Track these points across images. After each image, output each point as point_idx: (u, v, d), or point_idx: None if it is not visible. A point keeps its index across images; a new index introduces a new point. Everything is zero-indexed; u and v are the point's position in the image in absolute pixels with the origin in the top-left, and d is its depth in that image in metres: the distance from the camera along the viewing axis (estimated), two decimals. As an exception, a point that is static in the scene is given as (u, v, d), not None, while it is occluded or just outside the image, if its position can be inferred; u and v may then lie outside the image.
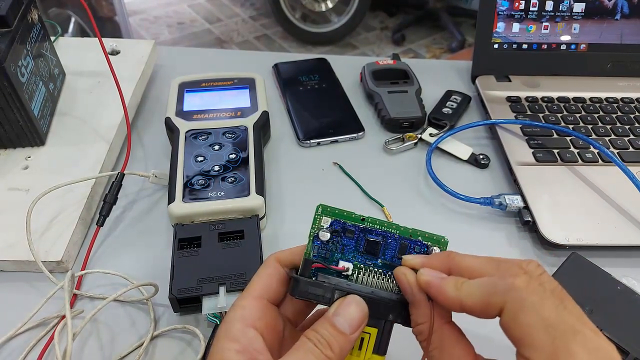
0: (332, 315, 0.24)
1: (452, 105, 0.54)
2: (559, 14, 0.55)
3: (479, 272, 0.23)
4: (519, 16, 0.55)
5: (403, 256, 0.25)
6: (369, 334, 0.25)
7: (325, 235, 0.26)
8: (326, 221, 0.26)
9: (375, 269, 0.26)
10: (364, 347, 0.25)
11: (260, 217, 0.39)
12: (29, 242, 0.36)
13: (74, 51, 0.55)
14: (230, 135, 0.45)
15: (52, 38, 0.53)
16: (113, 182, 0.41)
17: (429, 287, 0.23)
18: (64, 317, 0.34)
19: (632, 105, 0.53)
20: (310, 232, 0.26)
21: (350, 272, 0.26)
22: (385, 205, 0.44)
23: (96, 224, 0.39)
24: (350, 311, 0.24)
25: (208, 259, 0.35)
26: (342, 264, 0.26)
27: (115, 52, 0.56)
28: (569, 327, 0.20)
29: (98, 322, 0.35)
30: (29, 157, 0.44)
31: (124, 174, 0.41)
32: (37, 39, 0.46)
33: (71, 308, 0.34)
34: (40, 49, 0.46)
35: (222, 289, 0.33)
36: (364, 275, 0.26)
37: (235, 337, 0.23)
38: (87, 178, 0.41)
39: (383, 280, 0.26)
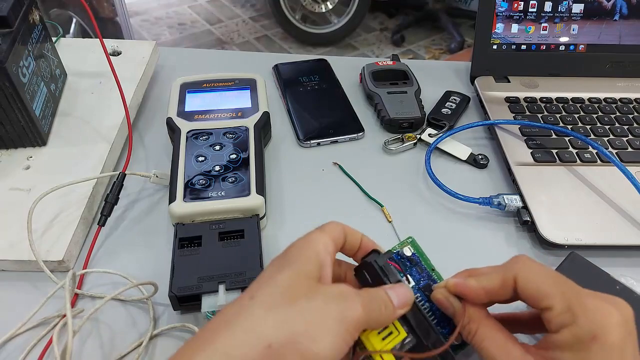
0: (388, 288, 0.27)
1: (451, 105, 0.54)
2: (557, 14, 0.55)
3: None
4: (517, 17, 0.55)
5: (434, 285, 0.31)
6: (399, 332, 0.27)
7: (407, 252, 0.33)
8: (410, 249, 0.33)
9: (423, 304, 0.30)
10: (388, 340, 0.27)
11: (260, 216, 0.40)
12: (30, 241, 0.36)
13: (76, 52, 0.56)
14: (231, 135, 0.45)
15: (54, 39, 0.54)
16: (114, 182, 0.41)
17: (457, 287, 0.28)
18: (64, 316, 0.34)
19: (631, 105, 0.53)
20: (396, 246, 0.33)
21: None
22: (385, 205, 0.44)
23: (97, 224, 0.40)
24: (401, 290, 0.27)
25: (208, 258, 0.36)
26: (409, 278, 0.31)
27: (116, 53, 0.56)
28: (572, 285, 0.26)
29: (99, 322, 0.35)
30: (31, 157, 0.44)
31: (125, 174, 0.42)
32: (39, 40, 0.46)
33: (72, 307, 0.34)
34: (42, 50, 0.47)
35: (221, 287, 0.34)
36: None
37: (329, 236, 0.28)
38: (88, 178, 0.41)
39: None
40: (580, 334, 0.24)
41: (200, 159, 0.43)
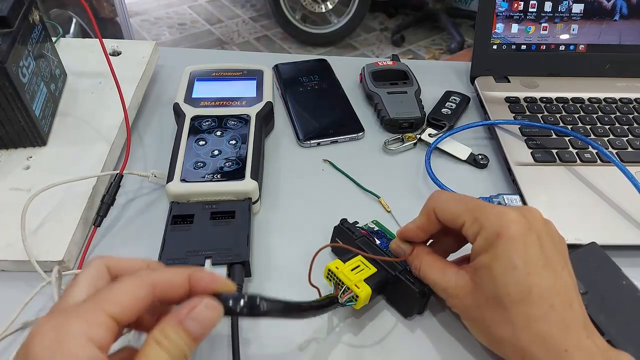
0: (186, 319, 0.22)
1: (451, 105, 0.54)
2: (557, 14, 0.55)
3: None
4: (517, 17, 0.55)
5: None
6: (370, 269, 0.34)
7: (372, 225, 0.40)
8: (374, 225, 0.40)
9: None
10: (361, 274, 0.33)
11: (253, 200, 0.41)
12: (24, 240, 0.36)
13: (75, 52, 0.56)
14: (233, 122, 0.46)
15: (54, 39, 0.54)
16: (111, 182, 0.41)
17: (402, 232, 0.34)
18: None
19: (631, 105, 0.53)
20: (363, 226, 0.39)
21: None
22: (385, 205, 0.44)
23: (93, 224, 0.40)
24: (205, 315, 0.22)
25: (198, 235, 0.37)
26: (375, 239, 0.38)
27: (116, 53, 0.56)
28: (477, 201, 0.31)
29: None
30: (31, 157, 0.44)
31: (122, 175, 0.42)
32: (39, 40, 0.46)
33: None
34: (42, 50, 0.47)
35: (208, 262, 0.35)
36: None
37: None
38: (84, 177, 0.41)
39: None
40: (487, 235, 0.29)
41: (201, 143, 0.44)
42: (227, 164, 0.42)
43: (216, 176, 0.41)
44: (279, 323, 0.35)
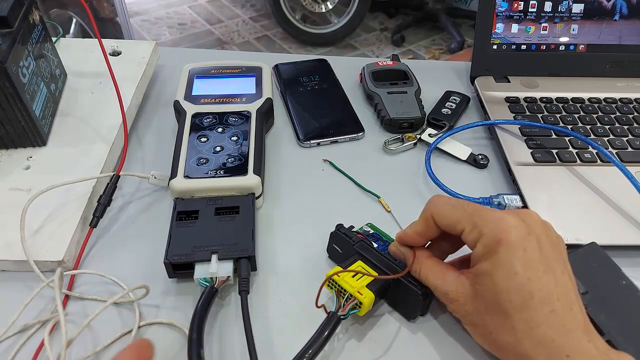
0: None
1: (451, 105, 0.54)
2: (557, 14, 0.55)
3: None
4: (517, 17, 0.55)
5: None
6: (371, 274, 0.33)
7: (368, 228, 0.40)
8: (370, 228, 0.40)
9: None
10: (362, 280, 0.33)
11: (256, 195, 0.41)
12: (23, 241, 0.36)
13: (76, 52, 0.56)
14: (233, 118, 0.46)
15: (54, 39, 0.54)
16: (108, 183, 0.41)
17: (400, 237, 0.34)
18: (45, 322, 0.34)
19: (631, 105, 0.53)
20: (358, 229, 0.39)
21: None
22: (385, 204, 0.44)
23: (89, 225, 0.40)
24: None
25: (203, 230, 0.37)
26: (372, 242, 0.37)
27: (116, 53, 0.56)
28: (475, 206, 0.31)
29: (86, 320, 0.35)
30: (31, 157, 0.44)
31: (119, 176, 0.42)
32: (39, 40, 0.46)
33: (64, 309, 0.34)
34: (42, 50, 0.47)
35: (214, 257, 0.35)
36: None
37: None
38: (84, 179, 0.41)
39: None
40: (487, 242, 0.29)
41: (203, 139, 0.44)
42: (229, 159, 0.42)
43: (219, 172, 0.41)
44: (282, 330, 0.35)
